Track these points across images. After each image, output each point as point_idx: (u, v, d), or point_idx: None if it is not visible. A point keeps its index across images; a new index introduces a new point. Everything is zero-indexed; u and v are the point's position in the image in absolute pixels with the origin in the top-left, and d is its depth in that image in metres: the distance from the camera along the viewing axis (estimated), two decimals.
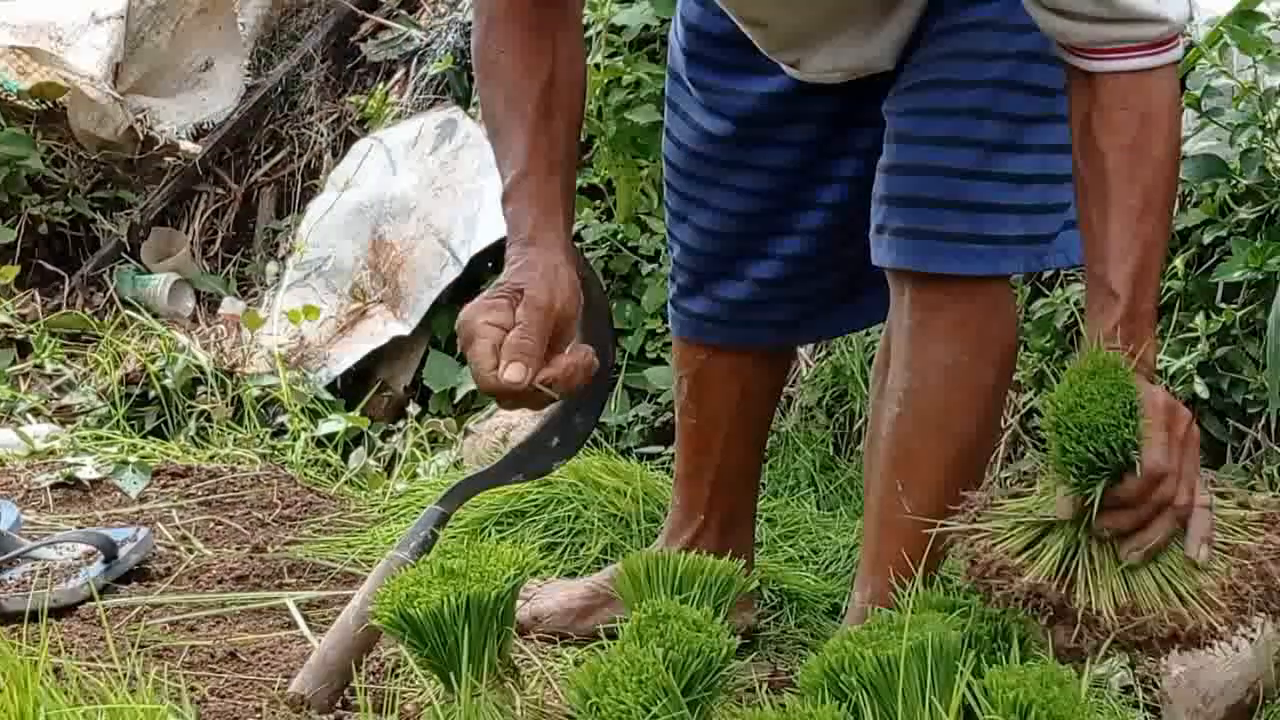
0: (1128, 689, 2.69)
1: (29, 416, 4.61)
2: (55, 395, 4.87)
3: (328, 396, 4.83)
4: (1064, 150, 2.31)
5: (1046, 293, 3.41)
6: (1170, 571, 2.08)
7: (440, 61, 5.65)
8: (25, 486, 3.70)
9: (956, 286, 2.43)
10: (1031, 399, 3.41)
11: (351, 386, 5.00)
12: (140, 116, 6.07)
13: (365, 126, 5.85)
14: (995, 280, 2.46)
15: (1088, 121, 2.21)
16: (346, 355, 5.04)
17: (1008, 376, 2.52)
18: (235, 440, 4.45)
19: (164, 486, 3.79)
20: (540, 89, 2.37)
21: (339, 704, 2.42)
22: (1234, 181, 3.05)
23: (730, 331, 2.84)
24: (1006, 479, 3.45)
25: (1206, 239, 3.07)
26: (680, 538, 2.91)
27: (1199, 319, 2.98)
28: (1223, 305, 3.02)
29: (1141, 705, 2.62)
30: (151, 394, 4.71)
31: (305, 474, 4.12)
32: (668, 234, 2.91)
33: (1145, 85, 2.17)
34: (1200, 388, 2.96)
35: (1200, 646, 2.08)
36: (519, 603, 2.81)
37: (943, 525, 2.23)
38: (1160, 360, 3.00)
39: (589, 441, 3.06)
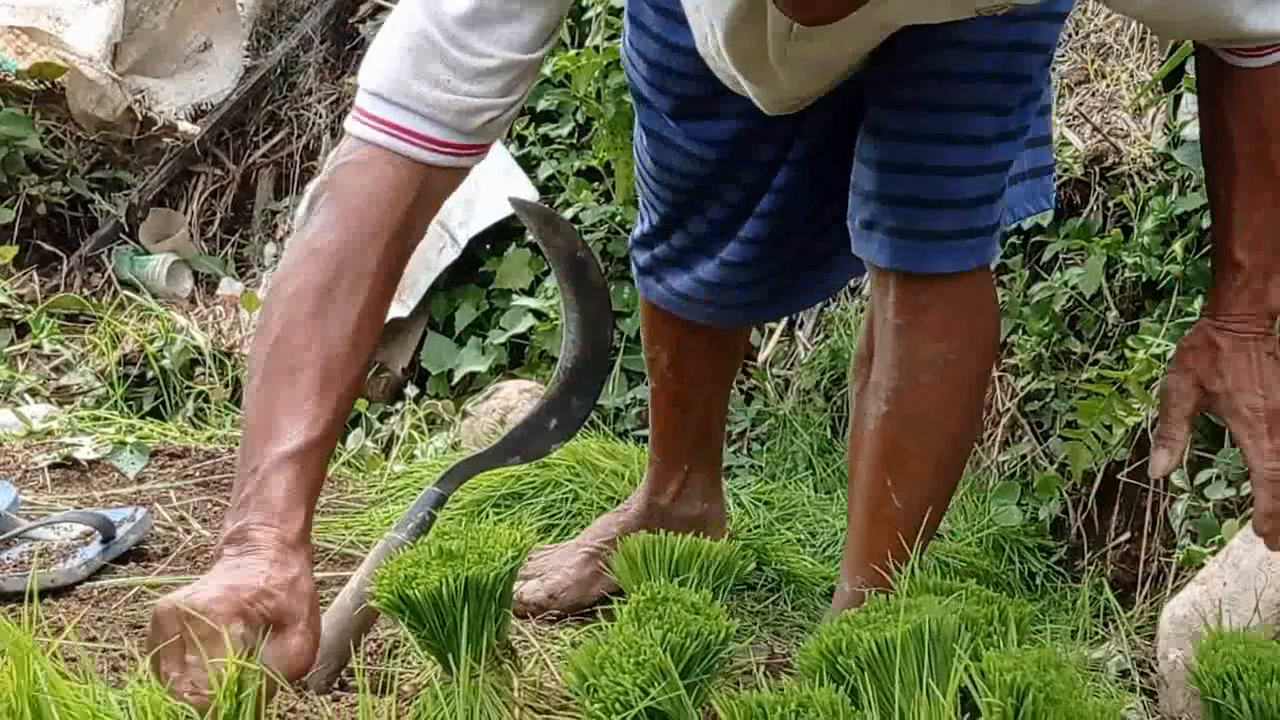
0: (1125, 673, 2.70)
1: (27, 397, 4.61)
2: (53, 376, 4.87)
3: None
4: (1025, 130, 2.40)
5: (1045, 277, 3.41)
6: None
7: None
8: (23, 467, 3.70)
9: (944, 283, 2.42)
10: (1029, 383, 3.41)
11: None
12: (139, 97, 6.07)
13: None
14: (981, 268, 2.45)
15: (1227, 109, 2.28)
16: None
17: (992, 362, 2.53)
18: (233, 421, 4.45)
19: (162, 467, 3.79)
20: (362, 366, 2.19)
21: (336, 684, 2.42)
22: None
23: (708, 310, 2.83)
24: (1003, 463, 3.45)
25: (1205, 223, 3.07)
26: (666, 490, 2.92)
27: (1197, 303, 2.98)
28: None
29: (1138, 689, 2.62)
30: (149, 374, 4.71)
31: None
32: (646, 208, 2.87)
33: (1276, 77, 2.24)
34: None
35: None
36: (532, 583, 2.82)
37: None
38: (1159, 344, 3.01)
39: (586, 424, 3.06)
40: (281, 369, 2.11)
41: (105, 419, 4.25)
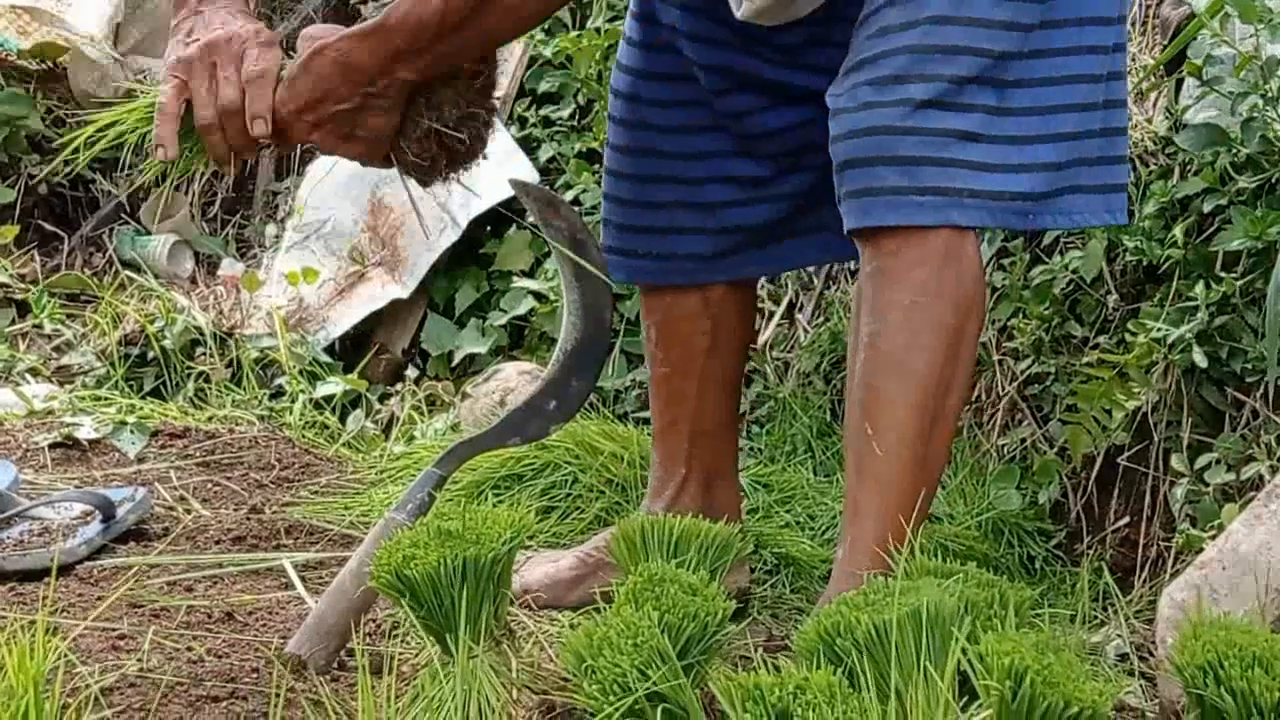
0: (1123, 657, 2.70)
1: (27, 376, 4.61)
2: (54, 355, 4.86)
3: (326, 359, 4.83)
4: (1031, 111, 2.49)
5: (1046, 260, 3.41)
6: None
7: None
8: (24, 446, 3.71)
9: (907, 236, 2.47)
10: (1029, 366, 3.41)
11: (350, 349, 5.00)
12: (140, 77, 6.06)
13: None
14: (951, 230, 2.48)
15: None
16: (345, 318, 5.04)
17: (973, 325, 2.53)
18: (234, 402, 4.45)
19: (162, 447, 3.80)
20: None
21: (335, 664, 2.43)
22: (1234, 150, 3.05)
23: (661, 267, 2.88)
24: (1003, 446, 3.45)
25: (1206, 207, 3.07)
26: (663, 494, 2.93)
27: (1198, 288, 2.98)
28: (1222, 274, 3.01)
29: (1137, 673, 2.62)
30: (150, 355, 4.70)
31: (303, 436, 4.13)
32: (605, 180, 3.01)
33: None
34: (1199, 356, 2.96)
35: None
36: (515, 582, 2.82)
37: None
38: (1160, 329, 3.01)
39: (586, 406, 3.06)
40: None
41: (106, 399, 4.25)
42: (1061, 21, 2.52)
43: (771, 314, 4.25)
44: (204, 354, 4.69)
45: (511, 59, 5.12)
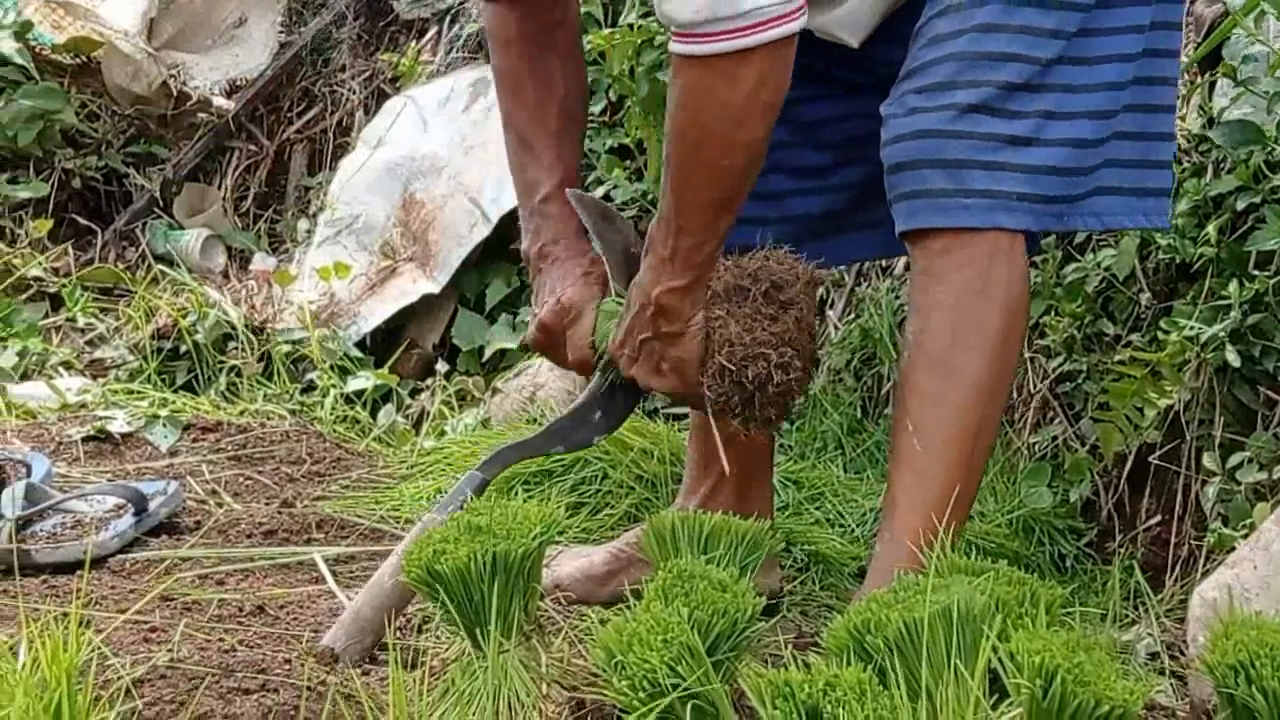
0: (1154, 656, 2.69)
1: (61, 370, 4.62)
2: (87, 349, 4.88)
3: (357, 354, 4.84)
4: (1075, 116, 2.51)
5: (1078, 258, 3.40)
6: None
7: (473, 20, 5.64)
8: (57, 439, 3.72)
9: (954, 238, 2.50)
10: (1061, 364, 3.40)
11: (381, 344, 5.01)
12: (174, 72, 6.08)
13: (397, 84, 5.85)
14: (998, 232, 2.50)
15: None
16: (376, 313, 5.05)
17: (1017, 326, 2.54)
18: (265, 396, 4.46)
19: (194, 441, 3.81)
20: (559, 103, 2.82)
21: (368, 659, 2.43)
22: (1269, 148, 3.04)
23: None
24: (1034, 444, 3.44)
25: (1240, 206, 3.05)
26: (697, 493, 2.92)
27: (1231, 286, 2.97)
28: (1255, 272, 3.00)
29: (1168, 672, 2.62)
30: (182, 349, 4.72)
31: (334, 430, 4.13)
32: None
33: (674, 66, 2.42)
34: (1232, 355, 2.95)
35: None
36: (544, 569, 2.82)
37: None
38: (1192, 327, 2.99)
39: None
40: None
41: (138, 392, 4.27)
42: (1099, 30, 2.53)
43: None
44: (236, 348, 4.71)
45: None
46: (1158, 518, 3.20)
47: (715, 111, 2.40)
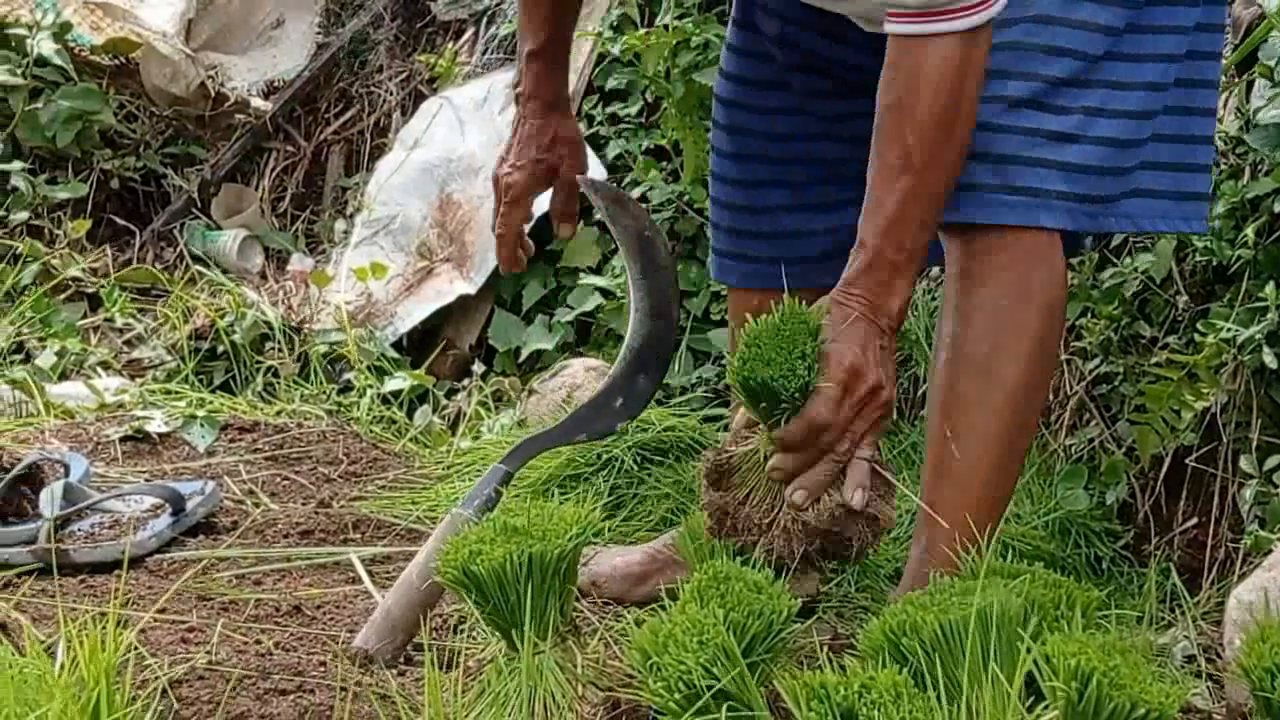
0: (1190, 659, 2.68)
1: (99, 370, 4.64)
2: (125, 349, 4.90)
3: (393, 354, 4.85)
4: (1117, 115, 2.48)
5: (1115, 261, 3.39)
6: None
7: (510, 22, 5.65)
8: (95, 439, 3.73)
9: (996, 236, 2.47)
10: (1098, 366, 3.39)
11: (417, 344, 5.01)
12: (212, 73, 6.09)
13: (434, 85, 5.85)
14: (1038, 231, 2.48)
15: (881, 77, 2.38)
16: (413, 313, 5.06)
17: (1056, 328, 2.53)
18: (302, 396, 4.47)
19: (231, 441, 3.82)
20: None
21: (402, 659, 2.44)
22: None
23: (772, 271, 2.86)
24: (1070, 446, 3.44)
25: (1277, 208, 3.04)
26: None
27: (1269, 288, 2.95)
28: None
29: (1204, 675, 2.61)
30: (220, 349, 4.73)
31: (371, 431, 4.14)
32: (711, 184, 3.01)
33: (914, 49, 2.32)
34: (1269, 357, 2.94)
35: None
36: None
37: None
38: (1229, 329, 2.99)
39: (652, 402, 3.06)
40: None
41: (176, 392, 4.28)
42: (1146, 28, 2.52)
43: None
44: (273, 348, 4.72)
45: (580, 56, 5.13)
46: (1194, 520, 3.19)
47: (976, 84, 2.36)
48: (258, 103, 6.19)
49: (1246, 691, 2.04)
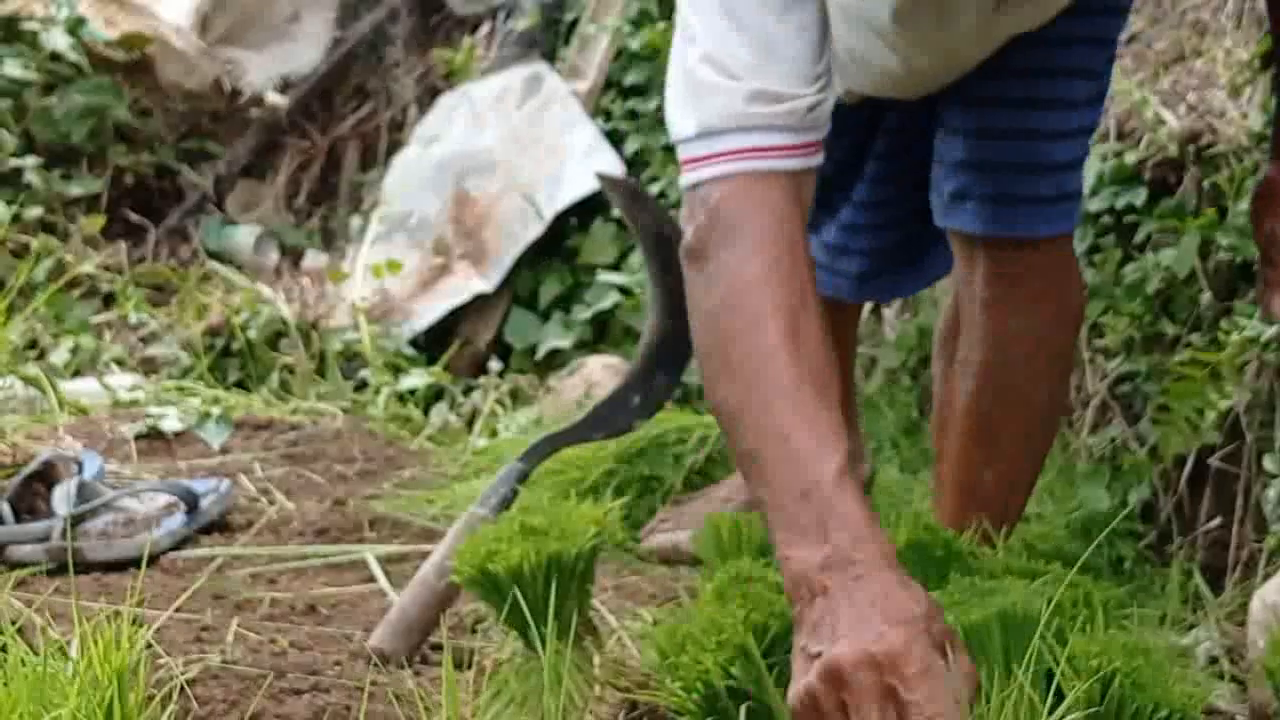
0: (1213, 660, 2.67)
1: (113, 367, 4.64)
2: (139, 346, 4.90)
3: (409, 351, 4.85)
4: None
5: (1138, 257, 3.37)
6: None
7: (528, 17, 5.64)
8: (109, 436, 3.73)
9: (1032, 252, 2.44)
10: (1120, 364, 3.38)
11: (434, 342, 5.01)
12: (227, 68, 6.09)
13: (451, 81, 5.85)
14: (1064, 238, 2.48)
15: None
16: (429, 310, 5.06)
17: (1077, 334, 2.53)
18: (317, 394, 4.47)
19: (246, 439, 3.82)
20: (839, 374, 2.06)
21: (418, 658, 2.43)
22: None
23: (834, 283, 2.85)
24: (1092, 445, 3.42)
25: None
26: None
27: None
28: None
29: (1227, 676, 2.59)
30: (234, 346, 4.73)
31: (386, 428, 4.13)
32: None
33: None
34: None
35: None
36: (661, 537, 2.82)
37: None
38: (1252, 327, 2.96)
39: (670, 400, 3.05)
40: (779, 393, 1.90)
41: (190, 390, 4.27)
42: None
43: None
44: (288, 346, 4.71)
45: (598, 51, 5.12)
46: (1217, 520, 3.18)
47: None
48: (273, 98, 6.20)
49: (1269, 693, 2.03)
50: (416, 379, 4.57)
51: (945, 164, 2.47)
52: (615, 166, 4.89)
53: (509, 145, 5.25)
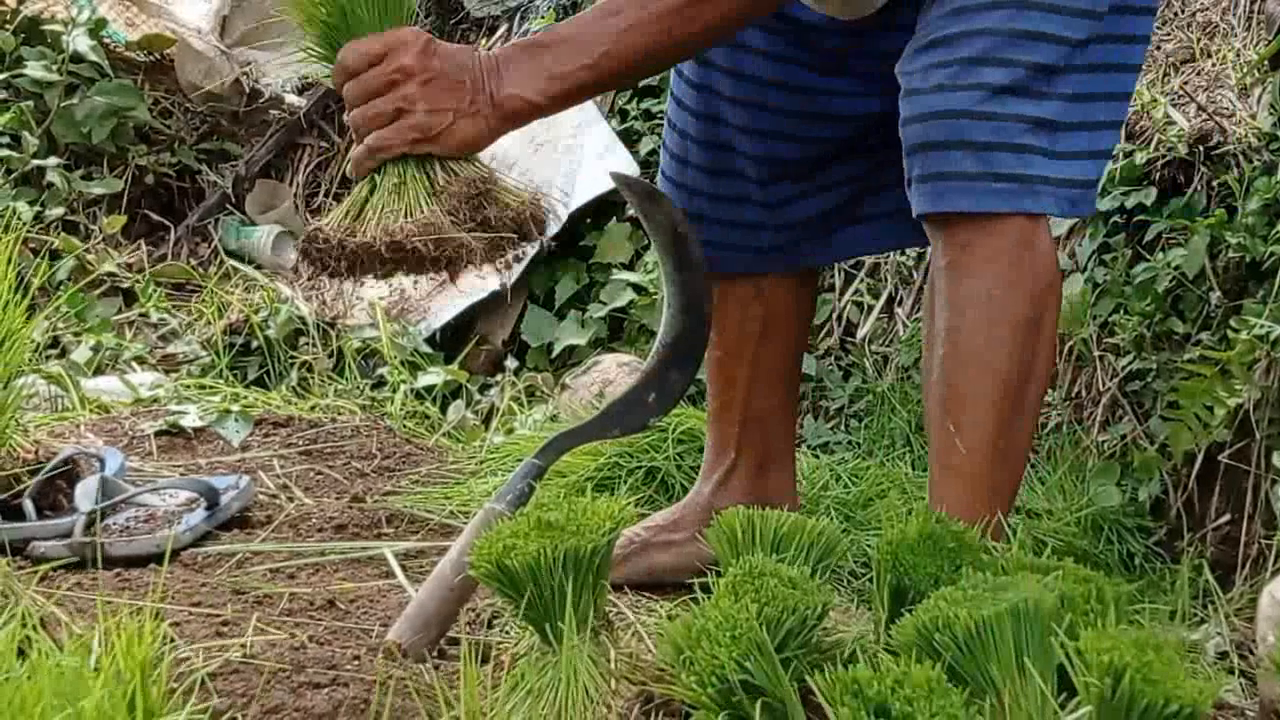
0: (1223, 655, 2.68)
1: (134, 365, 4.66)
2: (160, 344, 4.92)
3: (427, 349, 4.86)
4: (1094, 99, 2.50)
5: (1148, 256, 3.39)
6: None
7: (543, 17, 5.66)
8: (130, 433, 3.75)
9: (981, 224, 2.45)
10: (1130, 362, 3.39)
11: (450, 340, 5.03)
12: (246, 69, 6.12)
13: None
14: (1024, 217, 2.47)
15: None
16: (446, 309, 5.07)
17: (1051, 312, 2.51)
18: (336, 391, 4.48)
19: (265, 436, 3.83)
20: None
21: (435, 653, 2.44)
22: None
23: (728, 257, 2.90)
24: (1103, 442, 3.43)
25: None
26: (711, 477, 2.94)
27: None
28: None
29: (1237, 671, 2.60)
30: (254, 344, 4.75)
31: (404, 426, 4.15)
32: (661, 176, 2.99)
33: None
34: None
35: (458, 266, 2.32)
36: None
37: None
38: (1262, 326, 2.98)
39: (684, 399, 3.07)
40: None
41: (210, 387, 4.30)
42: (1124, 8, 2.52)
43: (870, 308, 4.24)
44: (307, 344, 4.74)
45: None
46: (1227, 516, 3.19)
47: None
48: (292, 99, 6.22)
49: (1279, 688, 2.04)
50: (434, 377, 4.59)
51: (904, 155, 2.54)
52: (630, 166, 4.91)
53: (524, 145, 5.26)
